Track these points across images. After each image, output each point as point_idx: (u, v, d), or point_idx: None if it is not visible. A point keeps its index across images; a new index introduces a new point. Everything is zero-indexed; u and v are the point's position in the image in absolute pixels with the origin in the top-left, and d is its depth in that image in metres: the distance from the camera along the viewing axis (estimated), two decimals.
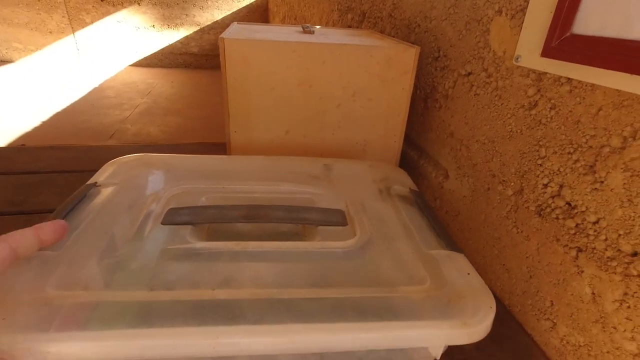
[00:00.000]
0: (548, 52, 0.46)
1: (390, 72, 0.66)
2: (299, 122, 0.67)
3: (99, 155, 0.97)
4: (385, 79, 0.66)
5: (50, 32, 3.69)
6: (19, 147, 1.01)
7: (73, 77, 3.46)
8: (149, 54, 4.03)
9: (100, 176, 0.47)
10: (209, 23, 3.98)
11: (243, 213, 0.38)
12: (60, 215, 0.37)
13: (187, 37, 4.01)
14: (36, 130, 2.23)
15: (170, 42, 4.02)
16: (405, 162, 0.86)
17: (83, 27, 3.73)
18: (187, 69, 4.16)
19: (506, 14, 0.55)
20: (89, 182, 0.45)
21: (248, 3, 3.92)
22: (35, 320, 0.25)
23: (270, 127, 0.67)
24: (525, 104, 0.52)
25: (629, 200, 0.38)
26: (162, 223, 0.37)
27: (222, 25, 4.00)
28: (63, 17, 3.64)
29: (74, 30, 3.72)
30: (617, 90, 0.39)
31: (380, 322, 0.28)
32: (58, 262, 0.31)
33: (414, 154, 0.83)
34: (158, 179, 0.48)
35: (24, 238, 0.27)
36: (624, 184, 0.38)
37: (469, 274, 0.35)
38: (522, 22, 0.51)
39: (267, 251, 0.36)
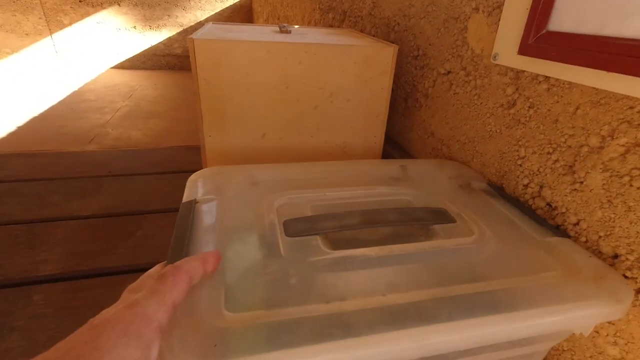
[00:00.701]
0: (525, 49, 0.44)
1: (368, 72, 0.64)
2: (275, 124, 0.65)
3: (71, 161, 0.93)
4: (364, 79, 0.65)
5: (27, 34, 3.58)
6: None
7: (51, 80, 3.36)
8: (131, 56, 3.95)
9: (193, 193, 0.44)
10: (192, 24, 3.92)
11: (360, 219, 0.39)
12: (185, 240, 0.34)
13: (170, 38, 3.94)
14: (11, 136, 2.15)
15: (153, 44, 3.94)
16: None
17: (61, 28, 3.63)
18: (171, 70, 4.09)
19: (483, 11, 0.54)
20: (186, 200, 0.41)
21: (232, 3, 3.87)
22: (241, 343, 0.25)
23: (246, 130, 0.64)
24: (504, 103, 0.51)
25: (608, 201, 0.37)
26: (288, 235, 0.36)
27: None
28: (40, 18, 3.54)
29: (51, 32, 3.62)
30: (594, 88, 0.38)
31: (540, 308, 0.29)
32: (219, 286, 0.29)
33: (395, 155, 0.82)
34: (253, 191, 0.45)
35: (196, 268, 0.28)
36: (603, 184, 0.37)
37: (590, 256, 0.36)
38: (499, 20, 0.50)
39: (399, 254, 0.35)
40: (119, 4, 3.65)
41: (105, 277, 0.55)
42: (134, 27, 3.80)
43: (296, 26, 0.89)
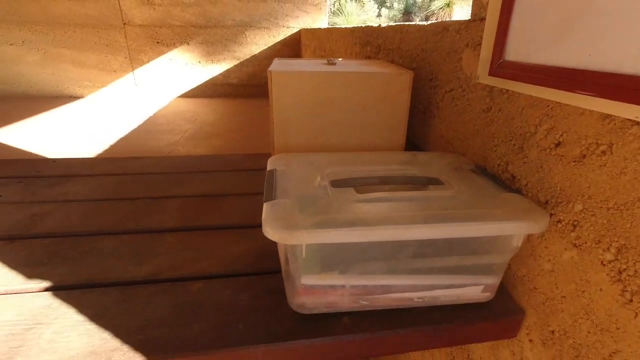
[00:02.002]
0: (492, 72, 0.67)
1: (391, 92, 0.89)
2: (324, 130, 0.91)
3: (170, 162, 1.25)
4: (388, 97, 0.89)
5: (114, 71, 4.28)
6: (104, 159, 1.32)
7: (132, 108, 3.98)
8: (195, 86, 4.53)
9: (272, 165, 0.69)
10: (247, 57, 4.44)
11: (379, 180, 0.63)
12: (272, 186, 0.60)
13: (227, 70, 4.49)
14: (106, 152, 2.63)
15: (213, 75, 4.50)
16: None
17: (141, 65, 4.30)
18: (227, 97, 4.61)
19: (471, 47, 0.76)
20: (269, 169, 0.68)
21: (282, 38, 4.34)
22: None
23: (302, 133, 0.91)
24: (484, 109, 0.72)
25: (540, 166, 0.57)
26: (333, 186, 0.60)
27: (259, 58, 4.44)
28: (125, 58, 4.22)
29: (133, 69, 4.29)
30: (530, 95, 0.59)
31: (485, 222, 0.50)
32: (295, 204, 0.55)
33: None
34: (311, 166, 0.70)
35: None
36: (537, 156, 0.58)
37: (528, 202, 0.56)
38: (479, 53, 0.72)
39: (407, 196, 0.58)
40: (187, 43, 4.26)
41: (207, 230, 0.83)
42: (199, 61, 4.39)
43: (340, 59, 1.17)
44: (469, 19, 0.79)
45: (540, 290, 0.58)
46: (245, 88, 4.59)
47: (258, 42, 4.36)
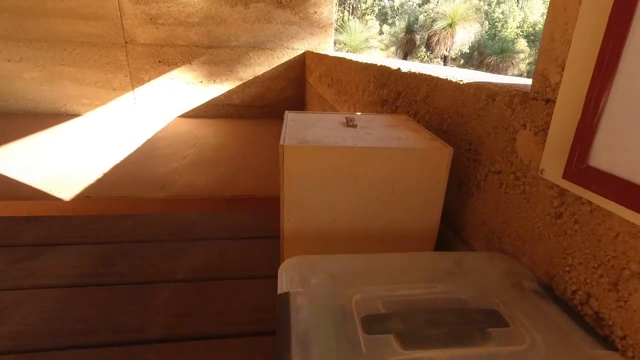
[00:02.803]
0: (569, 176, 0.52)
1: (425, 169, 0.74)
2: (344, 211, 0.76)
3: (165, 222, 1.10)
4: (422, 175, 0.75)
5: (114, 89, 4.17)
6: (87, 218, 1.17)
7: (130, 128, 3.85)
8: (196, 106, 4.42)
9: (285, 285, 0.55)
10: (250, 78, 4.33)
11: (425, 319, 0.47)
12: (287, 335, 0.44)
13: (230, 90, 4.38)
14: (98, 182, 2.48)
15: (215, 95, 4.39)
16: (441, 241, 0.91)
17: (141, 84, 4.19)
18: (229, 118, 4.50)
19: (530, 129, 0.62)
20: (280, 292, 0.53)
21: (286, 60, 4.25)
22: None
23: (319, 216, 0.76)
24: (552, 213, 0.58)
25: None
26: (366, 333, 0.45)
27: (262, 79, 4.34)
28: (126, 76, 4.12)
29: (133, 87, 4.18)
30: (633, 223, 0.44)
31: None
32: None
33: (449, 235, 0.89)
34: (332, 283, 0.55)
35: None
36: None
37: None
38: (545, 141, 0.58)
39: (460, 357, 0.43)
40: (190, 63, 4.16)
41: (201, 341, 0.67)
42: (201, 81, 4.28)
43: (358, 113, 1.03)
44: (525, 92, 0.65)
45: None
46: (248, 109, 4.48)
47: (262, 63, 4.27)
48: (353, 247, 0.79)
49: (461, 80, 0.88)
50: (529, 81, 0.83)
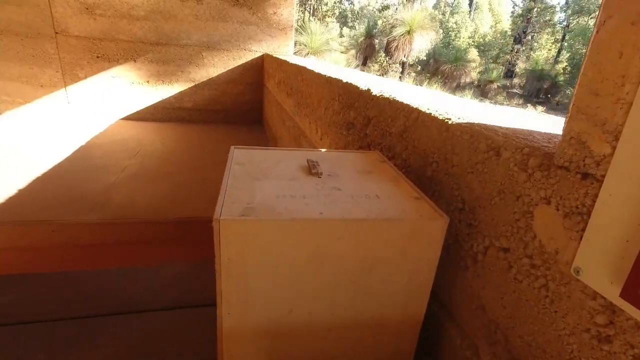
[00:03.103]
0: (631, 297, 0.36)
1: (414, 244, 0.56)
2: (305, 299, 0.56)
3: (78, 283, 0.84)
4: (408, 253, 0.57)
5: (42, 86, 3.63)
6: None
7: (61, 132, 3.36)
8: (142, 108, 3.99)
9: None
10: (204, 80, 4.00)
11: None
12: None
13: (181, 92, 4.01)
14: (10, 201, 2.06)
15: (164, 97, 4.00)
16: (428, 316, 0.74)
17: (76, 81, 3.70)
18: (180, 123, 4.12)
19: (557, 208, 0.46)
20: None
21: (243, 62, 3.98)
22: None
23: (270, 306, 0.55)
24: (593, 333, 0.42)
25: None
26: None
27: (217, 82, 4.02)
28: (57, 72, 3.61)
29: (66, 85, 3.68)
30: None
31: None
32: None
33: (439, 313, 0.72)
34: None
35: None
36: None
37: None
38: (582, 230, 0.42)
39: None
40: (134, 60, 3.74)
41: None
42: (147, 81, 3.87)
43: (323, 150, 0.83)
44: (546, 153, 0.49)
45: None
46: (201, 113, 4.14)
47: (216, 65, 3.95)
48: (314, 343, 0.59)
49: (449, 119, 0.72)
50: (534, 123, 0.68)
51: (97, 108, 3.83)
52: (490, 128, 0.64)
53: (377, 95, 1.07)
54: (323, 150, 0.83)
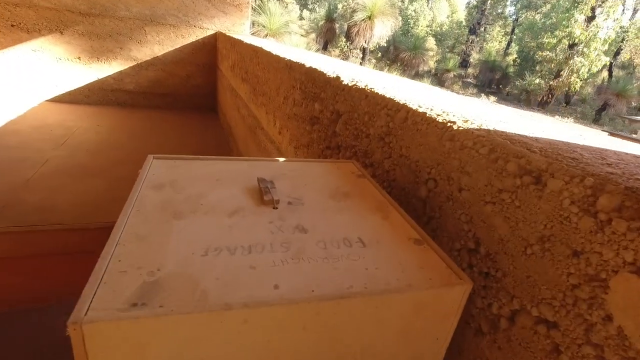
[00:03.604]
0: None
1: (419, 321, 0.37)
2: None
3: None
4: (410, 331, 0.37)
5: None
6: None
7: None
8: (73, 89, 3.47)
9: None
10: (147, 58, 3.54)
11: None
12: None
13: (120, 72, 3.53)
14: None
15: (100, 77, 3.50)
16: None
17: None
18: (121, 107, 3.65)
19: None
20: None
21: (194, 40, 3.57)
22: None
23: None
24: None
25: None
26: None
27: (163, 61, 3.59)
28: None
29: None
30: None
31: None
32: None
33: None
34: None
35: None
36: None
37: None
38: None
39: None
40: (61, 32, 3.20)
41: None
42: (79, 58, 3.35)
43: (281, 159, 0.62)
44: (628, 189, 0.31)
45: None
46: (146, 96, 3.69)
47: (162, 42, 3.52)
48: None
49: (452, 122, 0.53)
50: (560, 132, 0.51)
51: (15, 87, 3.25)
52: (516, 139, 0.46)
53: (349, 85, 0.86)
54: (281, 159, 0.61)
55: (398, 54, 17.74)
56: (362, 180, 0.60)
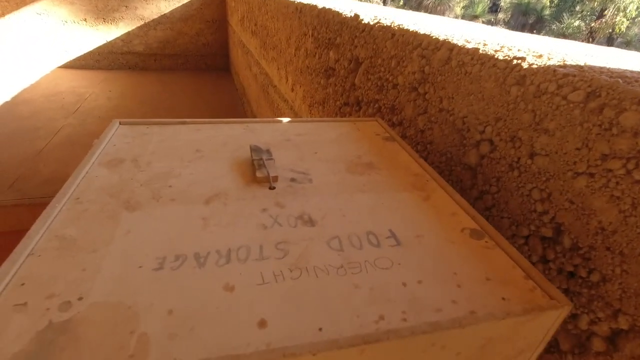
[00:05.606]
0: None
1: (489, 356, 0.25)
2: None
3: None
4: None
5: None
6: None
7: None
8: (83, 53, 3.36)
9: None
10: (155, 17, 3.35)
11: None
12: None
13: (128, 33, 3.37)
14: None
15: (109, 40, 3.36)
16: None
17: None
18: (132, 70, 3.52)
19: None
20: None
21: None
22: None
23: None
24: None
25: None
26: None
27: (171, 19, 3.39)
28: None
29: None
30: None
31: None
32: None
33: None
34: None
35: None
36: None
37: None
38: None
39: None
40: None
41: None
42: (84, 19, 3.20)
43: (284, 120, 0.48)
44: None
45: None
46: (156, 59, 3.55)
47: None
48: None
49: (521, 59, 0.37)
50: None
51: (26, 55, 3.18)
52: (629, 77, 0.30)
53: (371, 23, 0.69)
54: (285, 120, 0.47)
55: (421, 1, 16.44)
56: (391, 144, 0.46)
